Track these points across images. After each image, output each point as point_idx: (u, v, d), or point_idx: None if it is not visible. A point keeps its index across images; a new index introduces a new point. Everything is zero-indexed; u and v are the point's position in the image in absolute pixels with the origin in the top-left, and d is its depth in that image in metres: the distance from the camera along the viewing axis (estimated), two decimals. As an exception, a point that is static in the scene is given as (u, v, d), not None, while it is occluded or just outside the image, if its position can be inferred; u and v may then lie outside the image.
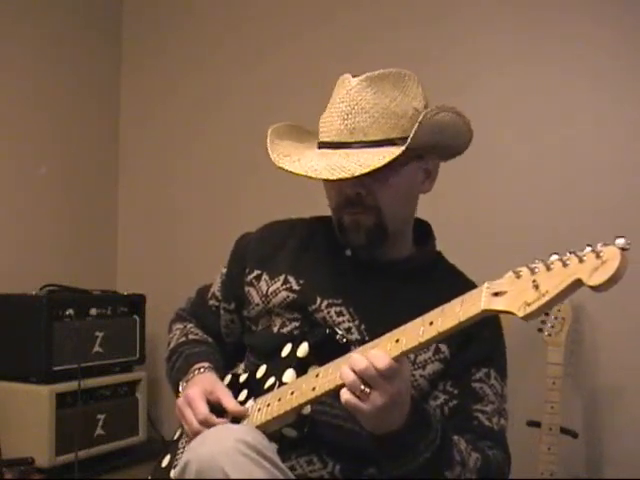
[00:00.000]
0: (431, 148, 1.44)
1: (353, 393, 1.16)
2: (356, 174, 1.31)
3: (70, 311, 2.49)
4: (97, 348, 2.57)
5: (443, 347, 1.40)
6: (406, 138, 1.34)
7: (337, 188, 1.41)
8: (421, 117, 1.34)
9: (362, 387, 1.15)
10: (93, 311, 2.59)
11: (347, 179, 1.32)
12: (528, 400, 2.13)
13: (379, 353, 1.16)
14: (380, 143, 1.36)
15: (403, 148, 1.33)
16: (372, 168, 1.31)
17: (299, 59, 2.85)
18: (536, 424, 2.15)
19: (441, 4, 2.61)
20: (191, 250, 3.03)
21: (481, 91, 2.47)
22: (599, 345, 2.31)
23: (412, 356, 1.38)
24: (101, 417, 2.54)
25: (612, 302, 2.16)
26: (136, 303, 2.76)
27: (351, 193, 1.40)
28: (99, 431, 2.53)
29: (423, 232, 1.55)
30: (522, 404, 1.92)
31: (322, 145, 1.42)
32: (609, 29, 2.33)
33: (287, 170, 1.39)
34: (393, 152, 1.32)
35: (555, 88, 2.40)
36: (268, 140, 1.46)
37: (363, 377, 1.15)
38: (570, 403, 2.27)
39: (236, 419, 1.36)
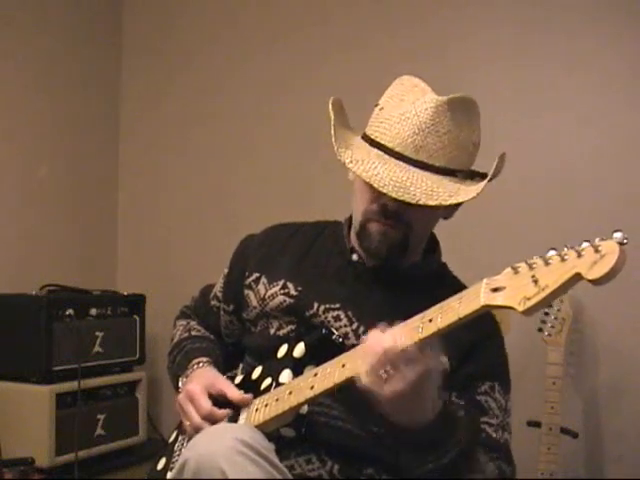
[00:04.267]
0: None
1: (374, 374, 1.14)
2: (420, 202, 1.30)
3: (70, 311, 2.48)
4: (97, 348, 2.57)
5: (443, 359, 1.37)
6: (462, 171, 1.36)
7: (377, 194, 1.37)
8: (493, 170, 1.36)
9: (386, 367, 1.13)
10: (93, 311, 2.59)
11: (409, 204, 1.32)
12: (528, 400, 2.12)
13: (401, 331, 1.14)
14: (440, 171, 1.34)
15: (473, 195, 1.32)
16: (439, 203, 1.30)
17: (299, 53, 2.85)
18: (536, 424, 2.15)
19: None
20: (191, 250, 3.02)
21: (481, 89, 2.46)
22: (599, 345, 2.31)
23: None
24: (101, 417, 2.54)
25: (612, 302, 2.17)
26: (136, 303, 2.76)
27: (392, 207, 1.37)
28: (99, 431, 2.53)
29: (430, 241, 1.54)
30: (522, 404, 1.91)
31: (380, 146, 1.37)
32: (612, 26, 2.34)
33: (351, 169, 1.36)
34: (458, 189, 1.33)
35: (555, 85, 2.41)
36: (332, 123, 1.40)
37: (387, 356, 1.13)
38: (570, 403, 2.27)
39: (236, 414, 1.36)
